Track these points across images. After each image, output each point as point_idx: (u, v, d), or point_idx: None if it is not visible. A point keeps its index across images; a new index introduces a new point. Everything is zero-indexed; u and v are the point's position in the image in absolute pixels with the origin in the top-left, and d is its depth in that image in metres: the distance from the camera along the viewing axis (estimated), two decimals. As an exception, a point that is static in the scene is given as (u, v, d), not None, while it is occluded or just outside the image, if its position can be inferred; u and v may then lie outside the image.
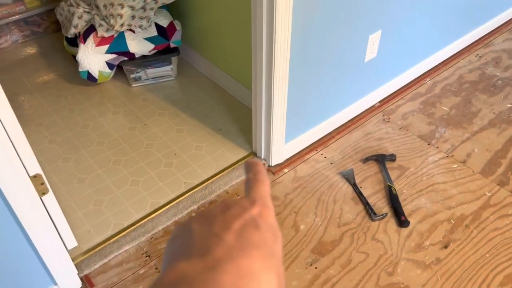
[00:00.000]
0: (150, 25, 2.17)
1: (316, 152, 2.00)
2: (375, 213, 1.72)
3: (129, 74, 2.30)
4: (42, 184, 1.30)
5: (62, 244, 1.37)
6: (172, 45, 2.26)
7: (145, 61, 2.27)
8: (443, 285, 1.52)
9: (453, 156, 1.98)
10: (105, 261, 1.55)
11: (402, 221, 1.69)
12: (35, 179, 1.26)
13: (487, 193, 1.82)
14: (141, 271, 1.54)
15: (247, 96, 2.17)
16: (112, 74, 2.28)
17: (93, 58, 2.15)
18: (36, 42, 2.68)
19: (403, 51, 2.15)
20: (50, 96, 2.28)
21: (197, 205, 1.76)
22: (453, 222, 1.71)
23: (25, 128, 1.21)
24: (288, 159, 1.96)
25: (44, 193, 1.31)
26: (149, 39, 2.18)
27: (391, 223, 1.71)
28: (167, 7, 2.30)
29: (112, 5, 2.08)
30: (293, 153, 1.98)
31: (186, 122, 2.13)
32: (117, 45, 2.14)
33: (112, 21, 2.08)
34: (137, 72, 2.30)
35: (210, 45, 2.28)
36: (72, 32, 2.19)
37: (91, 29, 2.14)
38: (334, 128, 2.09)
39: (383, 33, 1.92)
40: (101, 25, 2.11)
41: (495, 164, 1.94)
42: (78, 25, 2.17)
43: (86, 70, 2.17)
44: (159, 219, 1.69)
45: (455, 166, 1.94)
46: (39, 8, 2.65)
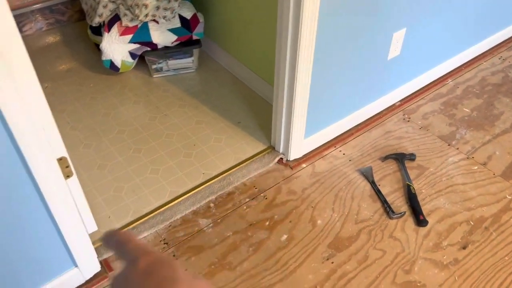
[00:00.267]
0: (174, 16, 2.18)
1: (334, 148, 2.00)
2: (393, 211, 1.72)
3: (150, 65, 2.32)
4: (67, 167, 1.32)
5: (84, 227, 1.39)
6: (194, 37, 2.28)
7: (167, 52, 2.28)
8: (461, 286, 1.51)
9: (473, 158, 1.96)
10: (124, 246, 1.57)
11: (420, 220, 1.68)
12: (61, 162, 1.28)
13: (507, 196, 1.80)
14: (159, 258, 1.55)
15: (267, 90, 2.18)
16: (134, 64, 2.31)
17: (116, 47, 2.17)
18: (60, 30, 2.72)
19: (426, 51, 2.13)
20: (72, 84, 2.31)
21: (215, 196, 1.77)
22: (472, 223, 1.70)
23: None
24: (306, 154, 1.96)
25: (68, 176, 1.33)
26: (172, 30, 2.20)
27: (409, 222, 1.70)
28: (190, -1, 2.32)
29: (137, -5, 2.10)
30: (312, 149, 1.98)
31: (206, 114, 2.15)
32: (140, 35, 2.16)
33: (137, 11, 2.10)
34: (158, 63, 2.32)
35: (231, 38, 2.29)
36: (96, 21, 2.22)
37: (115, 19, 2.16)
38: (354, 125, 2.09)
39: (408, 31, 1.91)
40: (125, 14, 2.13)
41: (516, 168, 1.92)
42: (103, 14, 2.19)
43: (109, 59, 2.19)
44: (178, 207, 1.70)
45: (476, 168, 1.92)
46: (64, -4, 2.69)
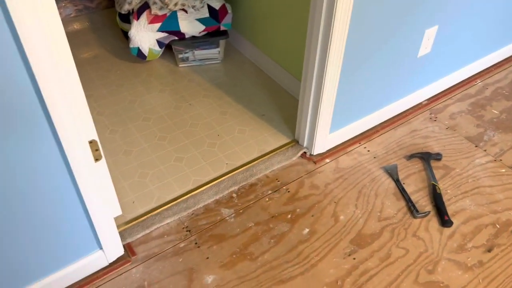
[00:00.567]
0: (203, 6, 2.19)
1: (359, 145, 1.98)
2: (417, 210, 1.70)
3: (177, 54, 2.33)
4: (97, 150, 1.33)
5: (110, 210, 1.41)
6: (222, 27, 2.28)
7: (194, 42, 2.29)
8: (484, 288, 1.48)
9: (501, 160, 1.92)
10: (147, 231, 1.59)
11: (445, 220, 1.66)
12: (91, 144, 1.29)
13: (535, 200, 1.76)
14: (181, 245, 1.56)
15: (293, 84, 2.17)
16: (161, 53, 2.32)
17: (144, 35, 2.18)
18: (88, 17, 2.75)
19: (456, 49, 2.10)
20: (99, 70, 2.34)
21: (237, 186, 1.77)
22: (498, 226, 1.67)
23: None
24: (330, 150, 1.95)
25: (97, 159, 1.34)
26: (200, 20, 2.20)
27: (433, 221, 1.68)
28: (219, -11, 2.31)
29: (167, -16, 2.10)
30: (336, 144, 1.96)
31: (230, 105, 2.15)
32: (169, 24, 2.17)
33: (166, 0, 2.11)
34: (185, 53, 2.33)
35: (259, 31, 2.28)
36: (126, 8, 2.23)
37: (145, 6, 2.17)
38: (379, 122, 2.06)
39: (440, 28, 1.88)
40: (155, 3, 2.14)
41: (545, 172, 1.88)
42: (132, 1, 2.21)
43: (137, 46, 2.21)
44: (201, 196, 1.71)
45: (503, 170, 1.88)
46: (93, -16, 2.72)
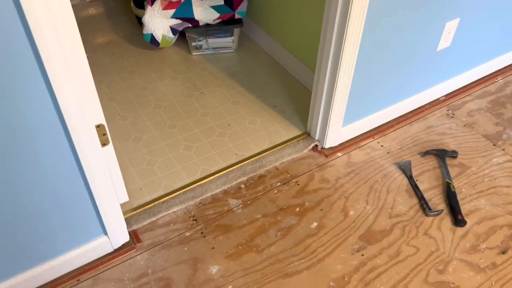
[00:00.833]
0: (217, -6, 2.15)
1: (372, 139, 1.94)
2: (430, 208, 1.65)
3: (190, 42, 2.30)
4: (104, 135, 1.32)
5: (116, 196, 1.39)
6: (236, 16, 2.24)
7: (208, 29, 2.26)
8: (497, 291, 1.44)
9: (520, 160, 1.86)
10: (153, 219, 1.57)
11: (458, 220, 1.61)
12: (98, 129, 1.28)
13: (554, 203, 1.70)
14: (187, 234, 1.55)
15: (306, 75, 2.12)
16: (174, 40, 2.29)
17: (158, 22, 2.16)
18: (103, 2, 2.73)
19: (478, 44, 2.02)
20: (112, 56, 2.32)
21: (246, 177, 1.74)
22: (513, 228, 1.61)
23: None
24: (342, 143, 1.91)
25: (105, 144, 1.33)
26: (215, 7, 2.17)
27: (446, 220, 1.63)
28: (235, -23, 2.27)
29: (182, -31, 2.07)
30: (349, 138, 1.92)
31: (242, 95, 2.12)
32: (183, 10, 2.14)
33: (181, -14, 2.08)
34: (198, 41, 2.30)
35: (274, 20, 2.24)
36: (140, -6, 2.21)
37: (159, -7, 2.15)
38: (394, 117, 2.01)
39: (461, 22, 1.81)
40: (169, -11, 2.12)
41: None
42: (147, -13, 2.18)
43: (150, 33, 2.19)
44: (209, 185, 1.69)
45: (521, 171, 1.82)
46: (109, -31, 2.70)
